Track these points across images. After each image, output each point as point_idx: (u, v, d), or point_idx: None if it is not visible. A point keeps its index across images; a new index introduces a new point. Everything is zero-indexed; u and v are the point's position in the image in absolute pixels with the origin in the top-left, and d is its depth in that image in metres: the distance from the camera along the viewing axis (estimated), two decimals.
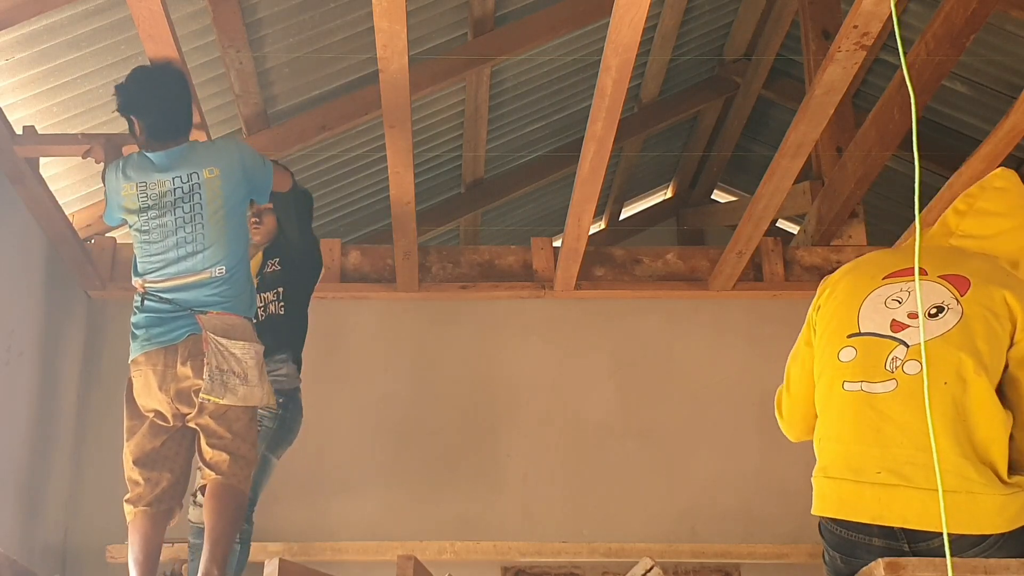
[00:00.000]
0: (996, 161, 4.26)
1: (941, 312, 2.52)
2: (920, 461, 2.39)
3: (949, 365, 2.45)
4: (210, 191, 3.55)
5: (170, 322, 3.48)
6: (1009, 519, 2.36)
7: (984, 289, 2.53)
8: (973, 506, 2.35)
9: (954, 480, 2.36)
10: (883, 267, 2.66)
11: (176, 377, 3.44)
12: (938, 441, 2.37)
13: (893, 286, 2.61)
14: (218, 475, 3.45)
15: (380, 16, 3.34)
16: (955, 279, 2.57)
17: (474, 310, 5.33)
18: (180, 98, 3.69)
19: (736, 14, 6.49)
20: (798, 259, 5.38)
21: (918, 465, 2.39)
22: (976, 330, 2.47)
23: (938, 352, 2.46)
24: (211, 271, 3.52)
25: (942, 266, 2.60)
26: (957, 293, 2.54)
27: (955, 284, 2.56)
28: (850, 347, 2.57)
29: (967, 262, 2.62)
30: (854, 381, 2.53)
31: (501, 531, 4.92)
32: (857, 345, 2.56)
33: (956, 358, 2.45)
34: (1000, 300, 2.51)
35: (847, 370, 2.56)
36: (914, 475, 2.39)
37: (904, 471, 2.39)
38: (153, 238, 3.52)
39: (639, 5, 3.22)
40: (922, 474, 2.38)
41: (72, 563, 4.74)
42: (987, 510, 2.35)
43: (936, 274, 2.58)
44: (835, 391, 2.57)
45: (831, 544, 2.58)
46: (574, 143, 4.87)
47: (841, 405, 2.55)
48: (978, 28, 4.15)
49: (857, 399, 2.51)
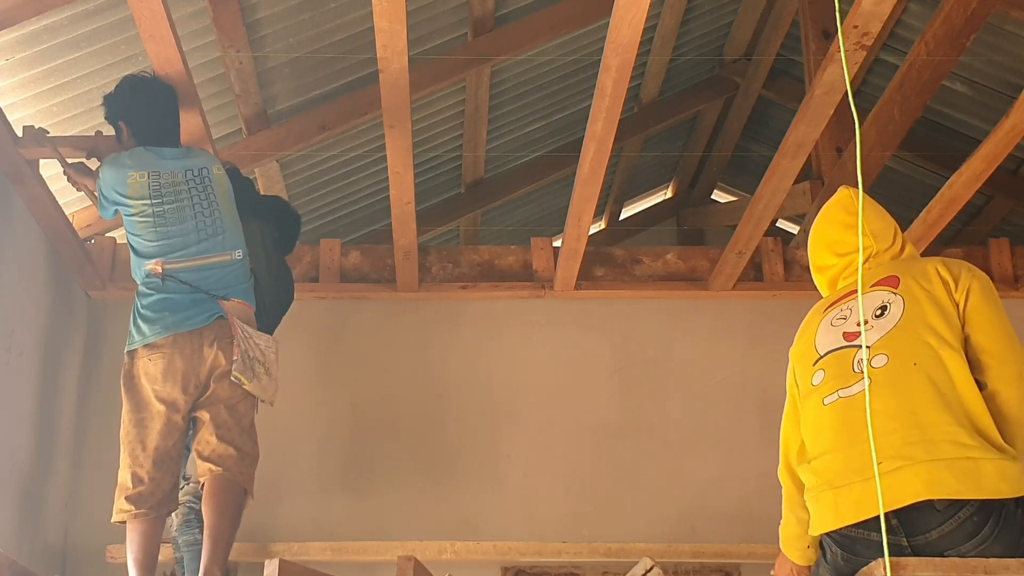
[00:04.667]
0: (996, 161, 4.27)
1: (885, 310, 2.65)
2: (916, 438, 2.46)
3: (912, 348, 2.55)
4: (220, 185, 3.68)
5: (191, 307, 3.49)
6: (1013, 484, 2.42)
7: (912, 273, 2.68)
8: (976, 471, 2.41)
9: (952, 448, 2.43)
10: (823, 304, 2.85)
11: (203, 360, 3.45)
12: (927, 415, 2.48)
13: (834, 309, 2.78)
14: (223, 470, 3.43)
15: (380, 16, 3.34)
16: (885, 281, 2.72)
17: (474, 310, 5.33)
18: (168, 106, 3.77)
19: (736, 14, 6.49)
20: (798, 259, 5.38)
21: (916, 442, 2.46)
22: (924, 308, 2.60)
23: (897, 342, 2.57)
24: (231, 254, 3.60)
25: (870, 280, 2.75)
26: (891, 289, 2.68)
27: (887, 283, 2.70)
28: (818, 371, 2.70)
29: (890, 268, 2.77)
30: (830, 394, 2.63)
31: (501, 531, 4.92)
32: (823, 366, 2.69)
33: (917, 339, 2.56)
34: (932, 272, 2.66)
35: (822, 389, 2.67)
36: (915, 452, 2.45)
37: (905, 452, 2.45)
38: (170, 220, 3.56)
39: (639, 5, 3.22)
40: (922, 449, 2.45)
41: (72, 563, 4.73)
42: (990, 475, 2.41)
43: (867, 287, 2.71)
44: (818, 411, 2.66)
45: (831, 543, 2.60)
46: (574, 143, 4.87)
47: (826, 419, 2.63)
48: (978, 28, 4.16)
49: (838, 408, 2.60)
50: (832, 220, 2.90)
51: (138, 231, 3.58)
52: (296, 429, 4.99)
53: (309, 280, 5.23)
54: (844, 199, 2.89)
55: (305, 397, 5.06)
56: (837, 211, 2.89)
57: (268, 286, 4.05)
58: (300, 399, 4.99)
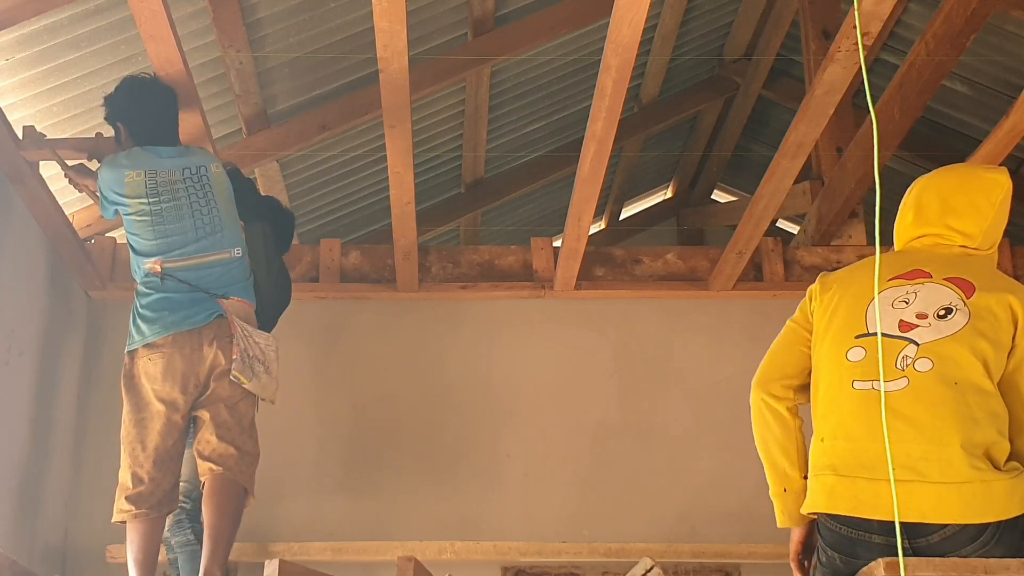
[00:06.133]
0: (996, 161, 4.27)
1: (950, 313, 2.56)
2: (934, 456, 2.42)
3: (959, 366, 2.49)
4: (218, 183, 3.68)
5: (191, 305, 3.49)
6: (1019, 501, 2.41)
7: (989, 293, 2.58)
8: (988, 493, 2.39)
9: (968, 471, 2.40)
10: (888, 269, 2.68)
11: (202, 359, 3.45)
12: (949, 437, 2.43)
13: (899, 288, 2.64)
14: (223, 470, 3.43)
15: (380, 16, 3.34)
16: (960, 282, 2.61)
17: (474, 310, 5.33)
18: (166, 106, 3.77)
19: (736, 14, 6.50)
20: (798, 259, 5.38)
21: (932, 460, 2.42)
22: (984, 332, 2.52)
23: (949, 352, 2.50)
24: (230, 252, 3.59)
25: (945, 269, 2.64)
26: (963, 295, 2.58)
27: (960, 287, 2.60)
28: (859, 347, 2.60)
29: (968, 265, 2.67)
30: (864, 380, 2.55)
31: (501, 531, 4.92)
32: (866, 345, 2.59)
33: (966, 360, 2.49)
34: (1005, 304, 2.55)
35: (857, 370, 2.58)
36: (928, 470, 2.41)
37: (919, 467, 2.42)
38: (167, 219, 3.56)
39: (639, 5, 3.22)
40: (936, 468, 2.41)
41: (72, 563, 4.73)
42: (999, 495, 2.39)
43: (941, 277, 2.62)
44: (844, 390, 2.59)
45: (829, 543, 2.59)
46: (574, 143, 4.87)
47: (851, 404, 2.57)
48: (978, 28, 4.15)
49: (868, 397, 2.53)
50: (969, 190, 2.74)
51: (136, 230, 3.58)
52: (296, 429, 4.99)
53: (309, 280, 5.22)
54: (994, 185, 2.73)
55: (305, 397, 5.06)
56: (980, 187, 2.74)
57: (267, 287, 4.05)
58: (300, 399, 4.99)
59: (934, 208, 2.77)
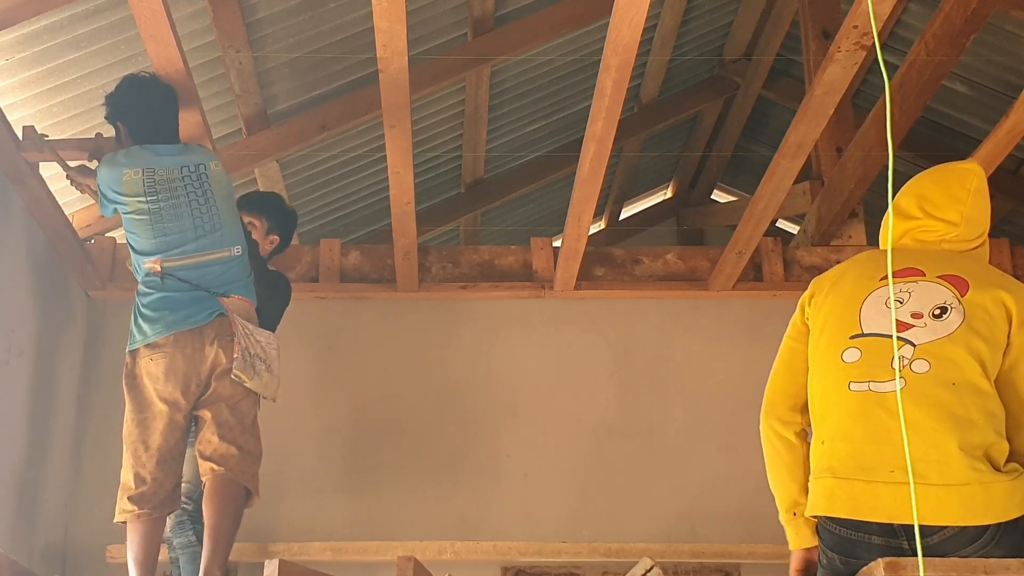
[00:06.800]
0: (996, 161, 4.27)
1: (945, 313, 2.54)
2: (932, 458, 2.41)
3: (956, 367, 2.48)
4: (217, 181, 3.67)
5: (192, 304, 3.49)
6: (1019, 503, 2.40)
7: (983, 290, 2.56)
8: (987, 495, 2.38)
9: (967, 472, 2.39)
10: (880, 267, 2.66)
11: (204, 358, 3.44)
12: (946, 439, 2.42)
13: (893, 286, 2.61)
14: (225, 470, 3.43)
15: (380, 16, 3.34)
16: (954, 280, 2.59)
17: (474, 310, 5.33)
18: (166, 105, 3.77)
19: (736, 14, 6.50)
20: (798, 259, 5.38)
21: (930, 462, 2.41)
22: (979, 331, 2.51)
23: (945, 352, 2.49)
24: (230, 250, 3.58)
25: (938, 267, 2.63)
26: (958, 293, 2.57)
27: (955, 285, 2.58)
28: (854, 348, 2.59)
29: (961, 263, 2.66)
30: (861, 381, 2.54)
31: (501, 531, 4.92)
32: (861, 346, 2.58)
33: (963, 360, 2.48)
34: (999, 301, 2.54)
35: (852, 371, 2.57)
36: (927, 472, 2.40)
37: (917, 468, 2.39)
38: (166, 217, 3.55)
39: (639, 5, 3.22)
40: (935, 470, 2.40)
41: (72, 563, 4.73)
42: (999, 497, 2.38)
43: (934, 275, 2.61)
44: (840, 392, 2.58)
45: (829, 545, 2.58)
46: (574, 143, 4.87)
47: (848, 405, 2.56)
48: (978, 28, 4.15)
49: (865, 399, 2.53)
50: (942, 182, 2.75)
51: (135, 229, 3.58)
52: (296, 429, 4.99)
53: (309, 280, 5.22)
54: (967, 173, 2.74)
55: (305, 397, 5.06)
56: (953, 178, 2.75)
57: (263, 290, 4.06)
58: (300, 399, 4.99)
59: (913, 206, 2.78)
